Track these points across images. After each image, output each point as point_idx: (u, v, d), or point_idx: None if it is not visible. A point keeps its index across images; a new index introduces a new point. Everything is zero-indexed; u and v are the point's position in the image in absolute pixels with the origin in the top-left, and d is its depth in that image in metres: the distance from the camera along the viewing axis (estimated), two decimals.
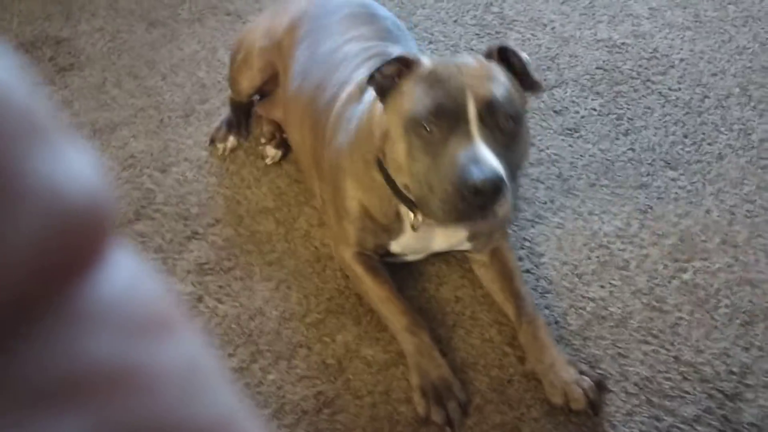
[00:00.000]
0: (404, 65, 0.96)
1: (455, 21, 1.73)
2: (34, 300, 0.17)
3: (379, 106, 0.99)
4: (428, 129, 0.90)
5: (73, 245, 0.18)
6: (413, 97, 0.93)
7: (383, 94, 0.97)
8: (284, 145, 1.38)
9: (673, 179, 1.35)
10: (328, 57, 1.19)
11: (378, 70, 0.96)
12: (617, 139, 1.42)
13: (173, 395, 0.19)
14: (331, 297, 1.16)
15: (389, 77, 0.96)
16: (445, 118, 0.90)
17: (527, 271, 1.20)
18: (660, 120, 1.46)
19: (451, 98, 0.90)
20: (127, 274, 0.19)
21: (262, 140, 1.39)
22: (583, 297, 1.17)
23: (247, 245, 1.24)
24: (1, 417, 0.16)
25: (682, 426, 1.01)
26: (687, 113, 1.48)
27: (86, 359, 0.17)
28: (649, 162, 1.38)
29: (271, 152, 1.37)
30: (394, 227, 1.08)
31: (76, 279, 0.18)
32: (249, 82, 1.34)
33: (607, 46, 1.64)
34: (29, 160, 0.16)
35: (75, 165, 0.18)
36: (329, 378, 1.06)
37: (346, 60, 1.16)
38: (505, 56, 0.98)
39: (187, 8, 1.77)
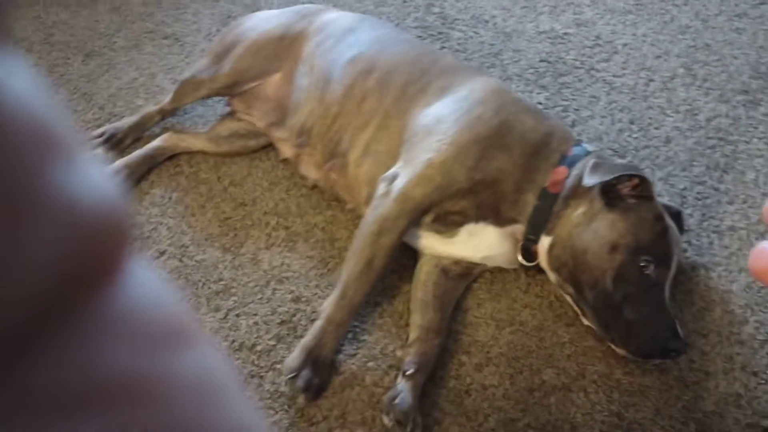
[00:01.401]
0: (641, 184, 1.03)
1: (397, 24, 1.71)
2: (53, 311, 0.17)
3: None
4: (646, 266, 1.00)
5: (90, 256, 0.18)
6: (650, 230, 1.02)
7: (608, 195, 1.03)
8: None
9: None
10: (419, 59, 1.21)
11: (617, 179, 1.02)
12: None
13: (190, 406, 0.19)
14: (282, 321, 1.14)
15: (623, 188, 1.03)
16: (660, 267, 1.01)
17: None
18: (606, 108, 1.44)
19: (671, 255, 1.03)
20: (144, 285, 0.20)
21: None
22: (537, 296, 1.15)
23: (193, 276, 1.21)
24: (19, 426, 0.16)
25: (643, 422, 1.00)
26: (632, 98, 1.46)
27: (103, 369, 0.17)
28: None
29: None
30: (501, 216, 1.08)
31: (95, 290, 0.18)
32: (236, 65, 1.33)
33: (549, 38, 1.63)
34: (46, 172, 0.17)
35: (91, 177, 0.18)
36: (283, 407, 1.03)
37: (453, 70, 1.19)
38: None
39: (123, 35, 1.73)
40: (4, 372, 0.16)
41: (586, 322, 1.07)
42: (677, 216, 1.13)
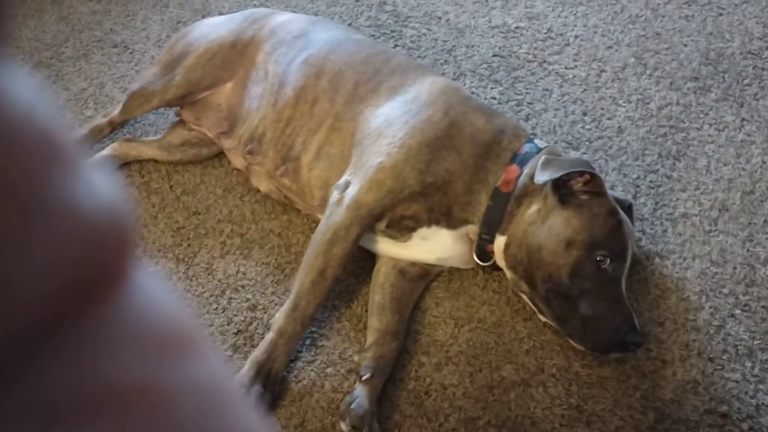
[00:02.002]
0: (592, 179, 1.02)
1: (350, 24, 1.69)
2: (61, 314, 0.17)
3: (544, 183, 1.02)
4: (602, 260, 1.00)
5: (96, 261, 0.18)
6: (604, 225, 1.02)
7: (561, 192, 1.03)
8: None
9: None
10: (369, 58, 1.19)
11: (569, 176, 1.01)
12: None
13: (193, 413, 0.19)
14: (238, 331, 1.12)
15: (575, 185, 1.03)
16: (616, 261, 1.01)
17: None
18: (559, 101, 1.45)
19: (626, 249, 1.03)
20: (149, 292, 0.20)
21: None
22: (495, 292, 1.14)
23: None
24: (33, 424, 0.16)
25: (602, 413, 1.00)
26: (585, 90, 1.47)
27: (108, 377, 0.17)
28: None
29: None
30: (452, 218, 1.07)
31: (102, 294, 0.18)
32: (188, 75, 1.30)
33: (502, 32, 1.63)
34: (51, 179, 0.17)
35: (95, 185, 0.18)
36: None
37: (403, 69, 1.17)
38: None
39: (72, 45, 1.69)
40: (19, 371, 0.16)
41: (543, 319, 1.07)
42: (629, 209, 1.13)
